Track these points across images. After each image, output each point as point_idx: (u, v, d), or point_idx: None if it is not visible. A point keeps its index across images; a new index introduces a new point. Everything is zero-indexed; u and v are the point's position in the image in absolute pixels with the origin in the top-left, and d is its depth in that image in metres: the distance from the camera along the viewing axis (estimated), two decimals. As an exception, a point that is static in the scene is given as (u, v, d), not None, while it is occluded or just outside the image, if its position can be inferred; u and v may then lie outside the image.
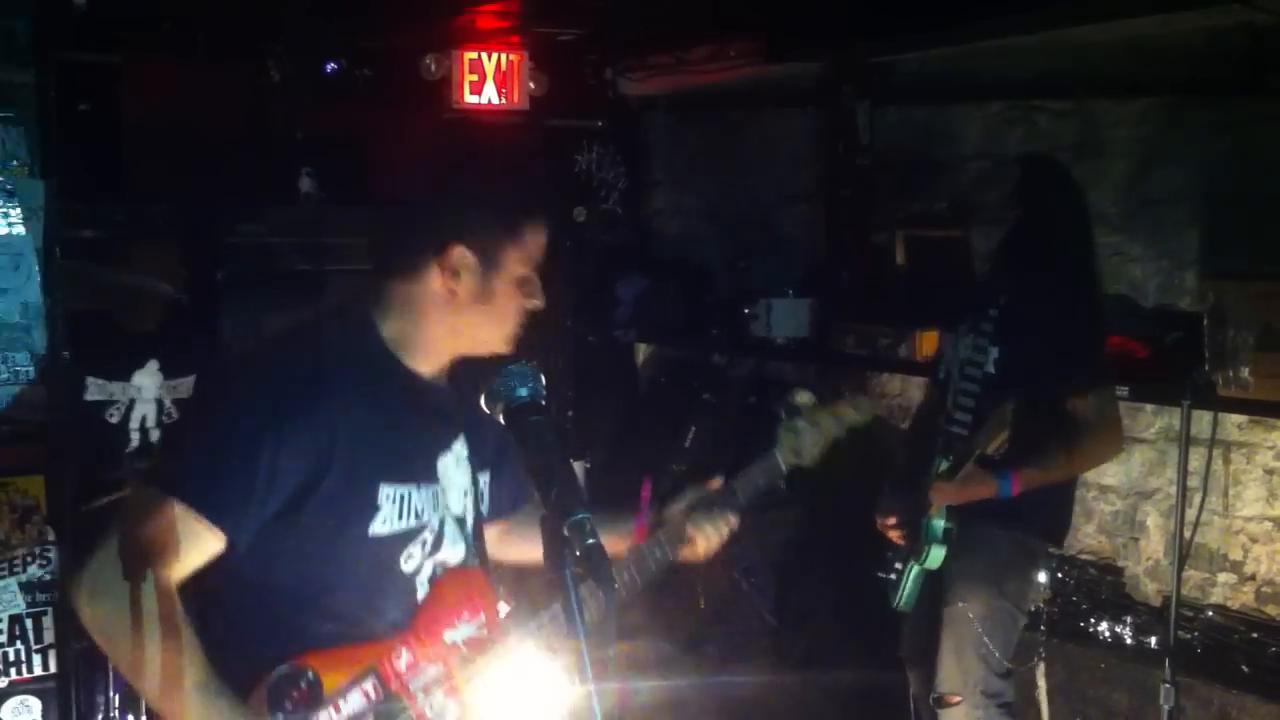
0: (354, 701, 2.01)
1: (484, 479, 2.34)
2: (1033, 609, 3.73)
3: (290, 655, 2.00)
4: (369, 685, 2.04)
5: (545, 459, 1.94)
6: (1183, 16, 4.16)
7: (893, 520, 3.70)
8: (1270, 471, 4.40)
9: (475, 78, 5.55)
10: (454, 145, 6.04)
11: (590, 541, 1.92)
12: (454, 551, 2.23)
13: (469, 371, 2.25)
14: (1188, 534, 3.68)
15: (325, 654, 2.02)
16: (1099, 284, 3.91)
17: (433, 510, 2.16)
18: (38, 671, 3.96)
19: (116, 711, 4.02)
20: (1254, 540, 4.45)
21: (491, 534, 2.41)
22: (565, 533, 2.06)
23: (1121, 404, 4.44)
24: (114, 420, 4.33)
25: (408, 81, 5.55)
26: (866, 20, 5.03)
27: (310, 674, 1.99)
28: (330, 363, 2.07)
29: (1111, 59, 4.69)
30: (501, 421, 2.06)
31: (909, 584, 3.70)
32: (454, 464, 2.23)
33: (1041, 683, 4.04)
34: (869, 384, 5.70)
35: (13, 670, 3.93)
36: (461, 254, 2.11)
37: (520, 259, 2.17)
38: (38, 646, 3.97)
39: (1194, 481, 3.70)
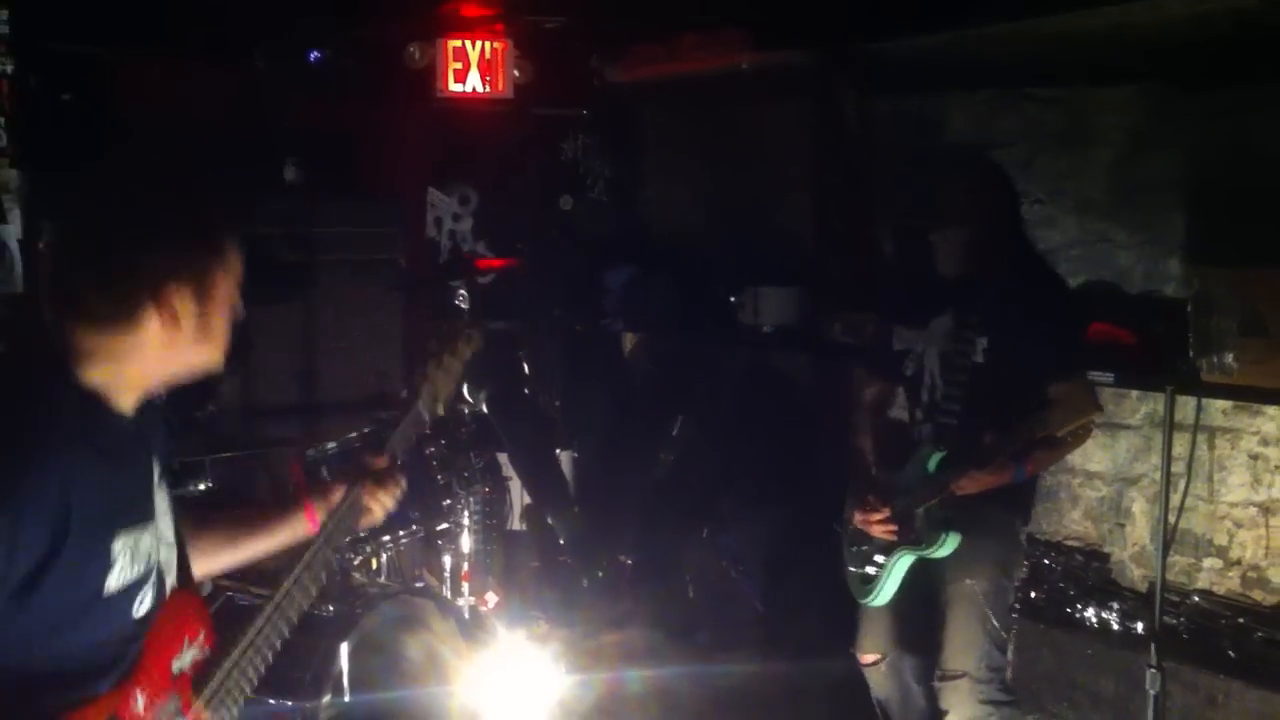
0: None
1: (168, 494, 2.20)
2: (1017, 584, 3.83)
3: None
4: None
5: (528, 450, 1.92)
6: (1171, 2, 4.16)
7: (881, 515, 3.70)
8: (1255, 457, 4.42)
9: (459, 66, 5.53)
10: (439, 134, 6.04)
11: (575, 529, 1.89)
12: (171, 579, 2.13)
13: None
14: (1173, 520, 3.69)
15: (66, 713, 1.89)
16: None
17: (155, 547, 2.04)
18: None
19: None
20: (1239, 525, 4.47)
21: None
22: (550, 522, 2.06)
23: (1107, 390, 4.47)
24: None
25: (392, 70, 5.54)
26: (855, 8, 5.02)
27: None
28: (40, 423, 1.86)
29: (1099, 46, 4.69)
30: (485, 410, 2.05)
31: (891, 578, 3.71)
32: (159, 489, 2.10)
33: (1010, 645, 4.10)
34: (857, 373, 5.71)
35: None
36: (181, 294, 1.94)
37: (231, 281, 2.03)
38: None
39: (1179, 467, 3.71)
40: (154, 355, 1.97)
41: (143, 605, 2.01)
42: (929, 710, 3.79)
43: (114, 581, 1.92)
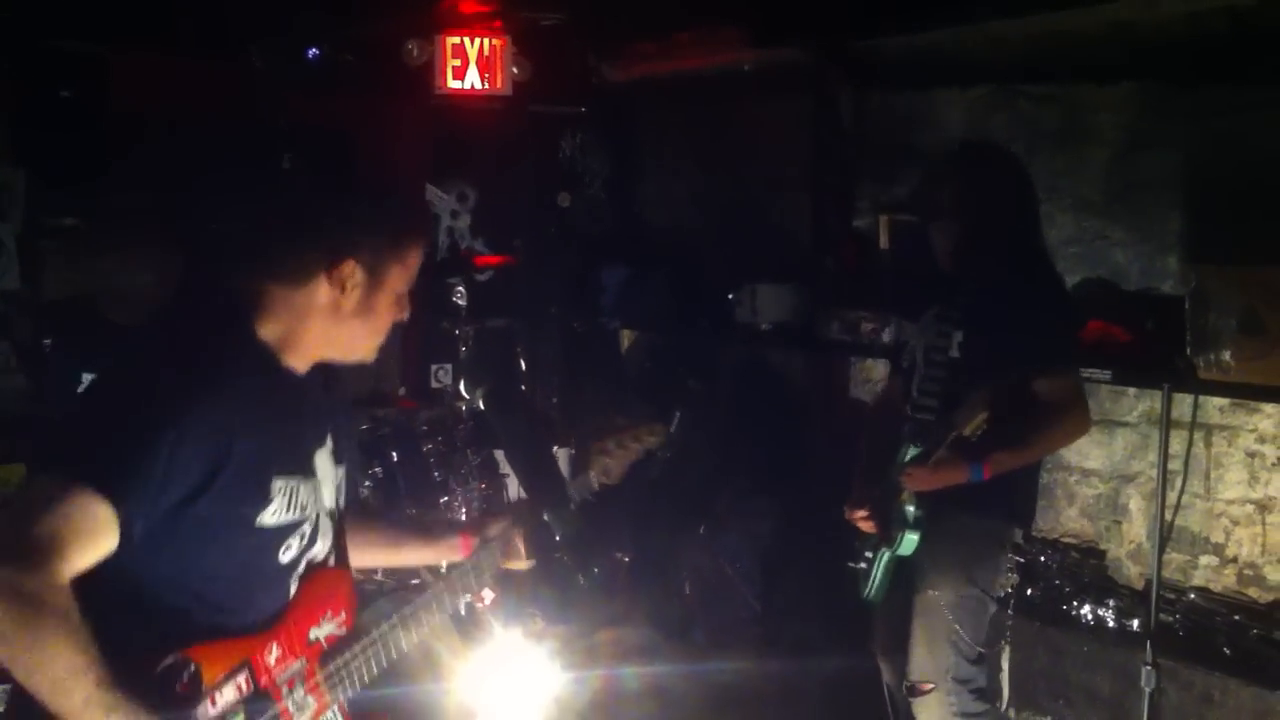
0: (228, 694, 2.03)
1: (341, 473, 2.37)
2: (1002, 594, 3.73)
3: (171, 646, 1.98)
4: (242, 678, 2.06)
5: (525, 447, 1.96)
6: (1165, 0, 4.17)
7: (863, 509, 3.70)
8: (1252, 454, 4.42)
9: (458, 63, 5.52)
10: (438, 131, 6.03)
11: (571, 527, 1.94)
12: (324, 545, 2.28)
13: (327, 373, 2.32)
14: (1169, 517, 3.69)
15: (205, 646, 2.02)
16: (1052, 263, 3.89)
17: (313, 504, 2.20)
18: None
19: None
20: (1235, 523, 4.47)
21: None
22: (546, 519, 2.09)
23: (1104, 388, 4.48)
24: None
25: (390, 67, 5.53)
26: (851, 6, 5.03)
27: (193, 666, 1.99)
28: (220, 358, 2.08)
29: (1094, 44, 4.69)
30: (481, 408, 2.08)
31: (879, 573, 3.71)
32: (326, 459, 2.28)
33: (1005, 665, 4.06)
34: (853, 369, 5.72)
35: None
36: (352, 269, 2.15)
37: (403, 277, 2.23)
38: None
39: (1176, 465, 3.71)
40: (320, 319, 2.16)
41: (289, 551, 2.17)
42: None
43: (268, 517, 2.09)
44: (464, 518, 4.76)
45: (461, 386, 2.17)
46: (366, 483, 4.44)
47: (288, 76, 5.32)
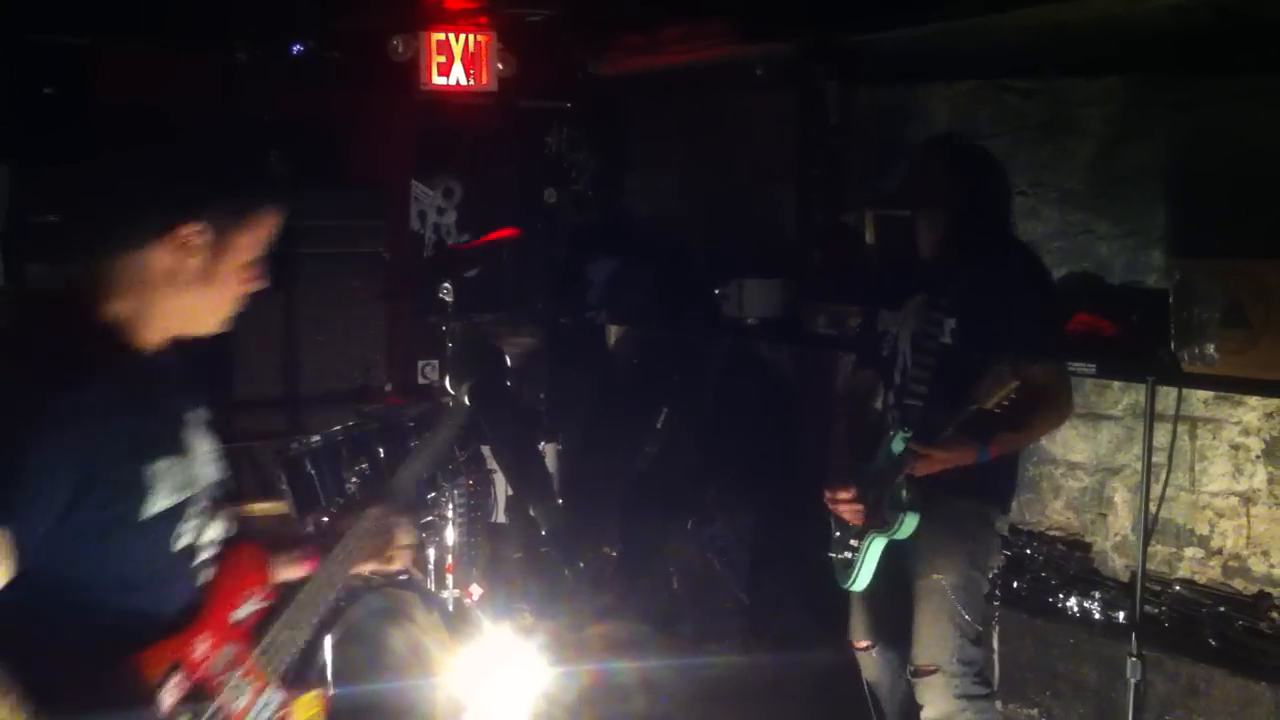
0: (169, 697, 2.01)
1: (214, 447, 2.30)
2: (993, 574, 3.81)
3: (108, 657, 1.97)
4: (177, 678, 2.04)
5: (511, 442, 1.95)
6: (1150, -7, 4.18)
7: (851, 495, 3.71)
8: (1236, 447, 4.44)
9: (443, 59, 5.52)
10: (423, 126, 6.02)
11: (557, 520, 1.94)
12: (219, 523, 2.23)
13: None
14: (1154, 509, 3.70)
15: (140, 652, 2.01)
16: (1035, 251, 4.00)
17: (191, 484, 2.13)
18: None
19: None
20: (1220, 515, 4.49)
21: None
22: (531, 514, 2.09)
23: (1089, 381, 4.49)
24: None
25: (376, 63, 5.52)
26: (837, 1, 5.03)
27: (131, 673, 1.98)
28: (64, 358, 1.98)
29: (1080, 37, 4.70)
30: (468, 403, 2.07)
31: (866, 562, 3.72)
32: (203, 431, 2.21)
33: (995, 645, 4.09)
34: (839, 363, 5.73)
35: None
36: (196, 231, 2.04)
37: (252, 243, 2.12)
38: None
39: (1160, 458, 3.72)
40: (162, 289, 2.06)
41: (182, 538, 2.11)
42: (915, 699, 3.79)
43: (149, 508, 2.02)
44: (450, 514, 4.75)
45: (447, 383, 2.13)
46: (353, 479, 4.44)
47: (273, 72, 5.30)
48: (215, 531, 2.21)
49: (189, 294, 2.08)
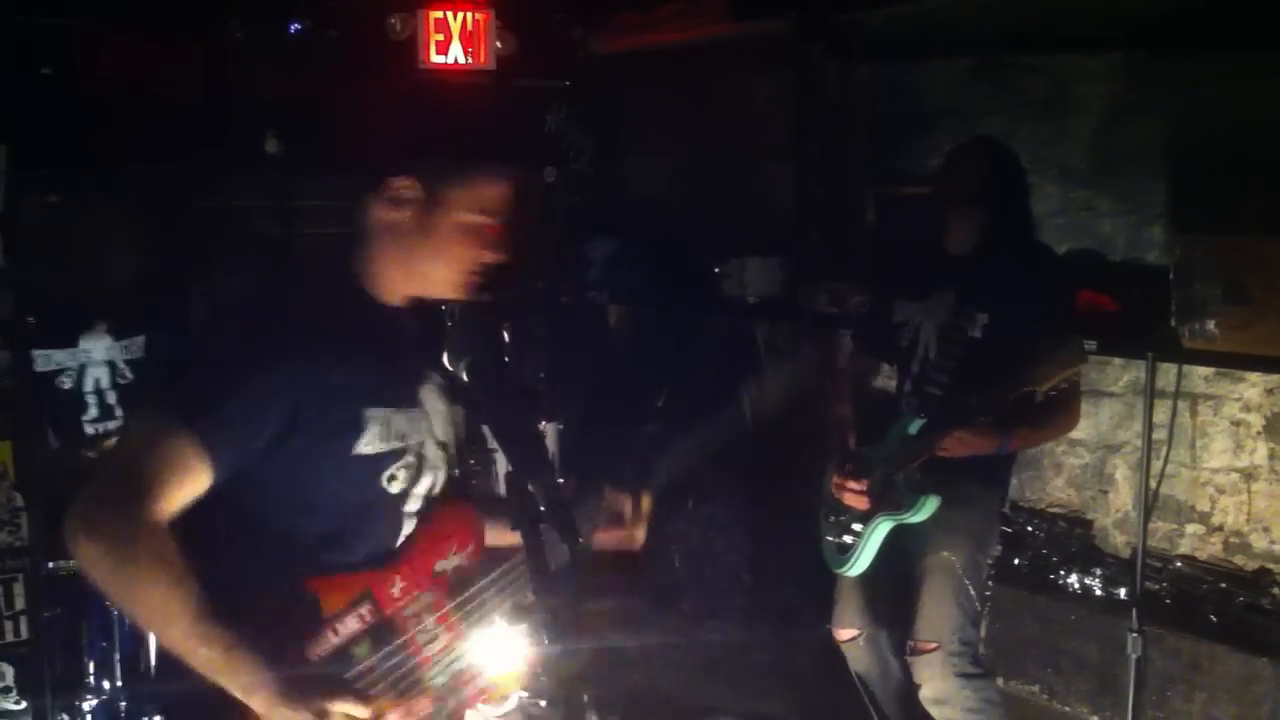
0: (350, 625, 2.07)
1: (457, 411, 2.38)
2: (990, 560, 3.86)
3: (287, 580, 2.05)
4: (365, 609, 2.09)
5: (510, 419, 1.96)
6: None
7: (861, 482, 3.71)
8: (1237, 423, 4.44)
9: (441, 37, 5.48)
10: (421, 105, 5.99)
11: (555, 498, 1.95)
12: (436, 478, 2.28)
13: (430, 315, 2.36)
14: (1155, 486, 3.70)
15: (322, 579, 2.08)
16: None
17: (416, 434, 2.21)
18: (9, 638, 3.95)
19: (91, 677, 4.01)
20: (1221, 491, 4.49)
21: None
22: (530, 488, 2.09)
23: (1090, 357, 4.47)
24: (67, 386, 4.29)
25: (373, 41, 5.49)
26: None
27: (309, 597, 2.04)
28: (314, 298, 2.16)
29: (1079, 14, 4.68)
30: (465, 379, 2.08)
31: (868, 545, 3.72)
32: (435, 392, 2.29)
33: (982, 630, 4.11)
34: (839, 342, 5.72)
35: (-16, 637, 3.93)
36: (405, 184, 2.17)
37: (467, 203, 2.20)
38: (9, 613, 3.95)
39: (1161, 434, 3.72)
40: (385, 243, 2.20)
41: (395, 482, 2.18)
42: (907, 683, 3.79)
43: (365, 447, 2.12)
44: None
45: (445, 358, 2.15)
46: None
47: (269, 51, 5.28)
48: (428, 484, 2.25)
49: (409, 247, 2.19)
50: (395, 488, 2.19)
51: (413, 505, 2.24)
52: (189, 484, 1.97)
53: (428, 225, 2.19)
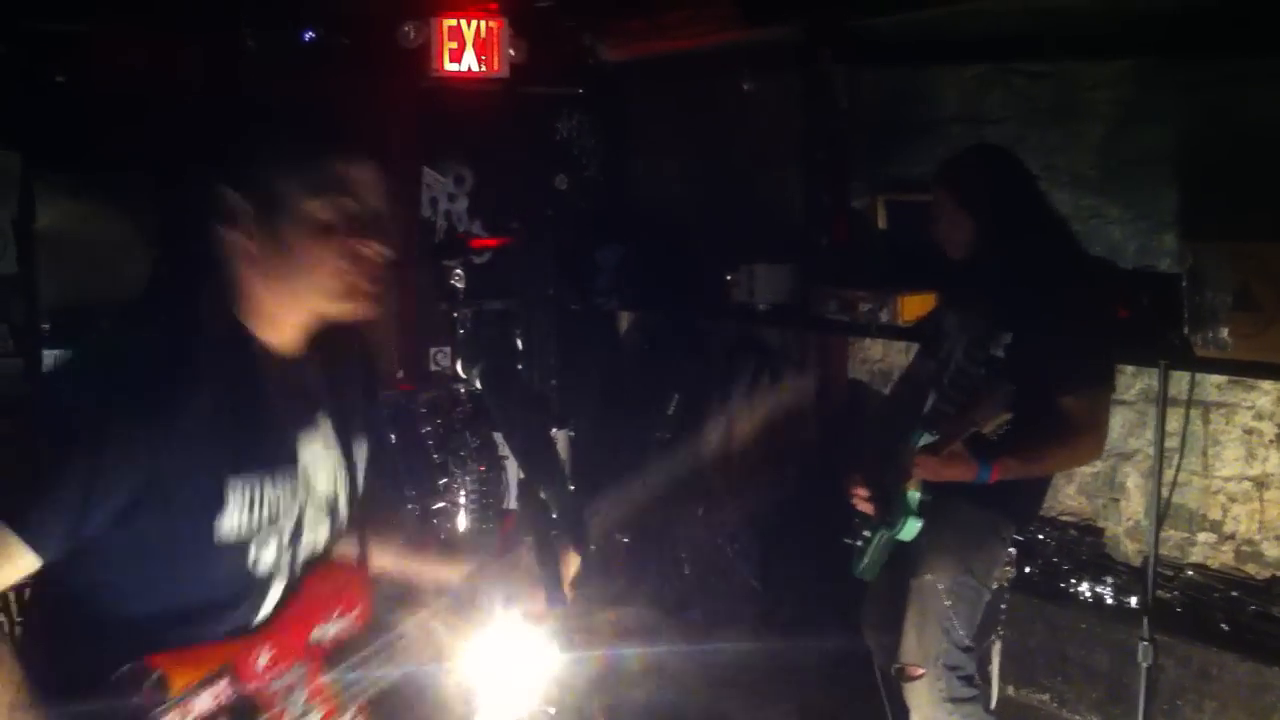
0: (203, 703, 1.84)
1: (360, 451, 2.15)
2: (996, 586, 3.75)
3: (129, 658, 1.82)
4: (221, 685, 1.87)
5: (521, 426, 1.92)
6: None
7: (864, 490, 3.70)
8: (1249, 431, 4.43)
9: (454, 45, 5.49)
10: (434, 113, 6.01)
11: (568, 505, 1.92)
12: (318, 536, 2.06)
13: (334, 340, 2.05)
14: (1167, 494, 3.69)
15: (171, 654, 1.85)
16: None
17: (290, 498, 1.96)
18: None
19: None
20: (1233, 500, 4.48)
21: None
22: (543, 496, 2.07)
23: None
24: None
25: (386, 50, 5.51)
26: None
27: (156, 674, 1.82)
28: (164, 353, 1.85)
29: (1088, 20, 4.68)
30: (479, 387, 2.05)
31: (873, 553, 3.71)
32: (317, 442, 2.03)
33: (995, 660, 4.07)
34: (851, 349, 5.72)
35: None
36: (234, 200, 1.86)
37: (319, 204, 1.87)
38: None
39: (1173, 442, 3.71)
40: (244, 270, 1.90)
41: (261, 564, 1.94)
42: None
43: (227, 527, 1.87)
44: (462, 500, 4.76)
45: (458, 366, 2.09)
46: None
47: (282, 59, 5.29)
48: (307, 550, 2.04)
49: (270, 271, 1.88)
50: (262, 570, 1.95)
51: (285, 571, 2.00)
52: (7, 569, 1.74)
53: (277, 239, 1.86)
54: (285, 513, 1.96)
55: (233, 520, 1.87)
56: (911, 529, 3.58)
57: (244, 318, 1.92)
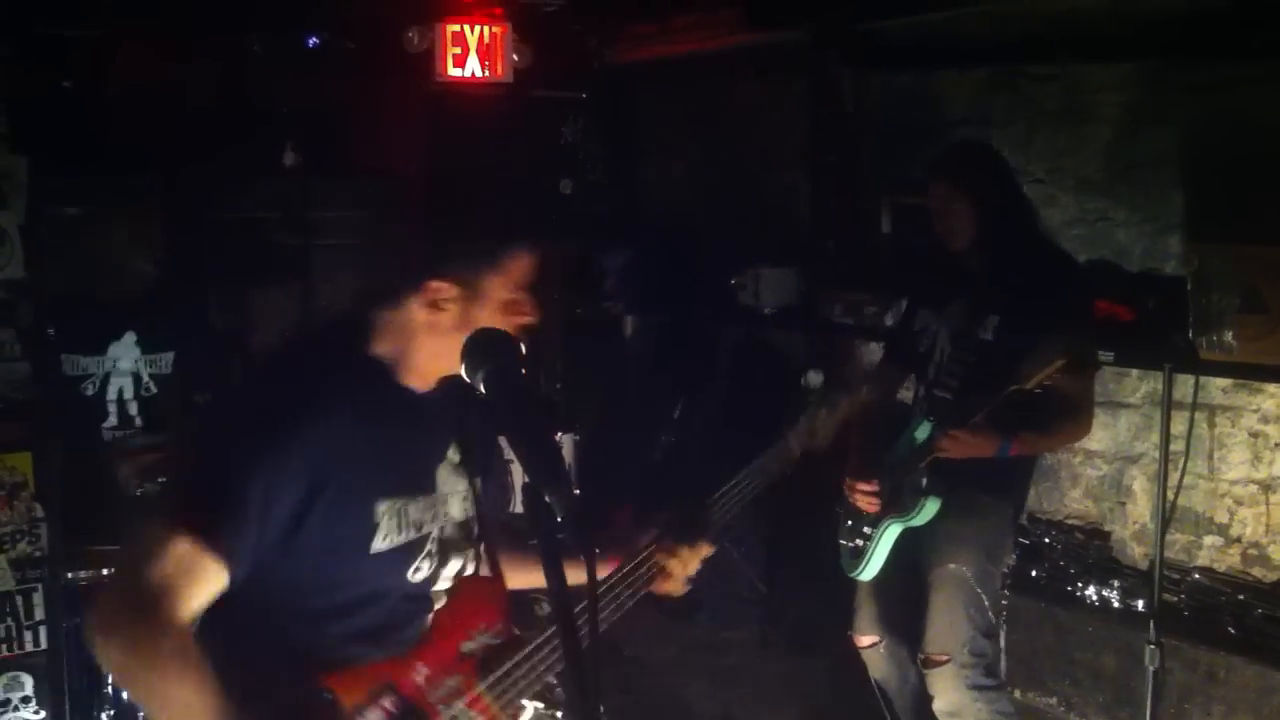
0: (373, 717, 2.00)
1: (479, 483, 2.33)
2: (1006, 570, 3.80)
3: (306, 678, 1.98)
4: (387, 701, 2.02)
5: (527, 429, 1.93)
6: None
7: (873, 485, 3.71)
8: (1255, 434, 4.42)
9: (458, 50, 5.50)
10: (438, 118, 6.02)
11: (573, 508, 1.92)
12: (461, 558, 2.25)
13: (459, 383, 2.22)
14: (1173, 497, 3.69)
15: (341, 674, 2.00)
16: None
17: (432, 520, 2.18)
18: (29, 647, 3.98)
19: (109, 688, 4.03)
20: (1239, 503, 4.47)
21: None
22: (548, 499, 2.07)
23: (1107, 369, 4.47)
24: (89, 393, 4.32)
25: (391, 54, 5.52)
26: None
27: (326, 694, 1.97)
28: (320, 384, 2.08)
29: (1095, 23, 4.68)
30: (481, 390, 2.06)
31: (878, 549, 3.72)
32: (451, 471, 2.25)
33: (1002, 643, 4.08)
34: (856, 352, 5.72)
35: (3, 647, 3.95)
36: (441, 288, 2.10)
37: (503, 285, 2.14)
38: (28, 623, 3.98)
39: (1179, 445, 3.71)
40: (424, 338, 2.13)
41: (419, 572, 2.15)
42: (925, 692, 3.77)
43: (381, 544, 2.08)
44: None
45: (463, 370, 2.10)
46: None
47: (287, 63, 5.31)
48: (456, 567, 2.23)
49: (449, 340, 2.04)
50: (418, 577, 2.16)
51: (438, 588, 2.20)
52: (205, 586, 1.94)
53: (469, 316, 2.10)
54: (429, 534, 2.18)
55: (384, 538, 2.08)
56: (930, 509, 3.62)
57: (396, 373, 2.15)
